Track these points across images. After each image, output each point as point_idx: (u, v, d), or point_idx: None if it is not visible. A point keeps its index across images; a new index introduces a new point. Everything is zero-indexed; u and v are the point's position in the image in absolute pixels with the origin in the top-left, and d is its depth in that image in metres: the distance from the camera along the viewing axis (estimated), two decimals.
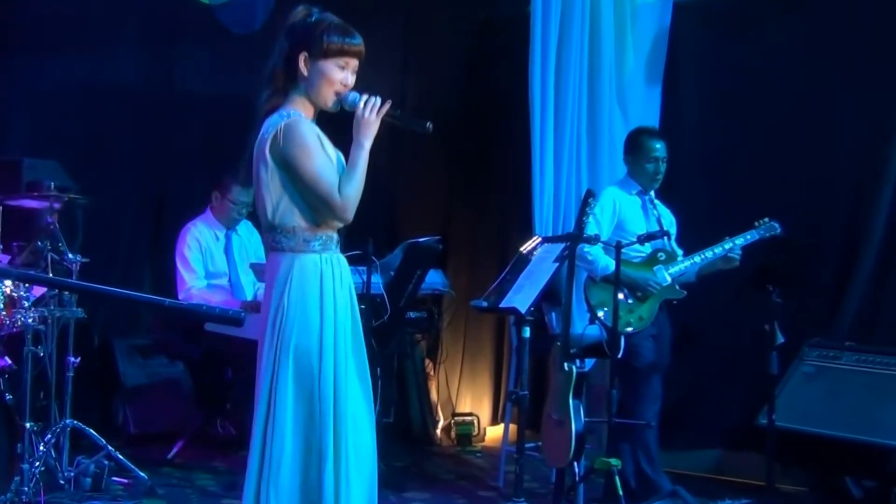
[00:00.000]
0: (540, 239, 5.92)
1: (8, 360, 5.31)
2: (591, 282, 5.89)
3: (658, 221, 5.97)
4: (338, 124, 3.95)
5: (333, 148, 3.88)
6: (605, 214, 5.93)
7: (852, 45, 6.56)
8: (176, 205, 7.39)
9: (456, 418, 7.74)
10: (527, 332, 5.61)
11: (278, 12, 4.02)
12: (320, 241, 3.82)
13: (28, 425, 5.30)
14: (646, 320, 5.84)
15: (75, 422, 5.70)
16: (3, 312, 5.29)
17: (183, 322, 6.56)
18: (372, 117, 3.81)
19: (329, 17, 3.86)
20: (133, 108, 7.39)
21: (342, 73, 3.83)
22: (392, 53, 7.98)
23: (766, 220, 5.94)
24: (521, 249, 5.92)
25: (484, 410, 7.97)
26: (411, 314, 6.97)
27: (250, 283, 6.66)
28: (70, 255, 5.62)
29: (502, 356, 7.94)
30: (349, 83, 3.86)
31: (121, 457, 5.75)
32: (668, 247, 5.93)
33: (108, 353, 7.14)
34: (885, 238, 6.37)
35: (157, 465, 6.32)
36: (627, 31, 6.85)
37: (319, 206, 3.79)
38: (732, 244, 5.87)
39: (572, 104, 6.67)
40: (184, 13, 7.40)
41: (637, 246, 5.76)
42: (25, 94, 6.93)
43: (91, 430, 5.74)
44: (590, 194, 5.51)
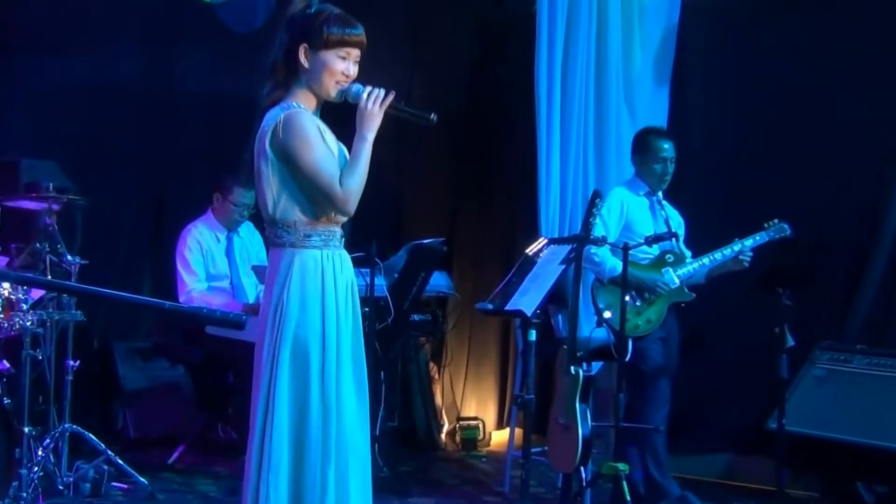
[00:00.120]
0: (546, 240, 5.90)
1: (6, 364, 5.30)
2: (599, 284, 5.88)
3: (666, 223, 5.96)
4: (341, 117, 3.94)
5: (336, 141, 3.88)
6: (613, 215, 5.92)
7: (864, 44, 6.54)
8: (176, 206, 7.37)
9: (461, 422, 7.73)
10: (533, 336, 5.59)
11: (279, 11, 4.00)
12: (321, 236, 3.81)
13: (26, 430, 5.27)
14: (654, 323, 5.83)
15: (74, 426, 5.68)
16: (1, 315, 5.26)
17: (184, 325, 6.56)
18: (375, 109, 3.80)
19: (329, 7, 3.85)
20: (133, 108, 7.38)
21: (344, 63, 3.82)
22: (397, 52, 7.96)
23: (776, 221, 5.93)
24: (527, 251, 5.89)
25: (489, 415, 7.96)
26: (415, 317, 6.96)
27: (252, 285, 6.65)
28: (69, 257, 5.60)
29: (508, 360, 7.94)
30: (351, 73, 3.84)
31: (121, 461, 5.73)
32: (677, 248, 5.92)
33: (107, 357, 7.13)
34: None
35: (157, 470, 6.31)
36: (635, 29, 6.84)
37: (320, 200, 3.77)
38: (742, 246, 5.85)
39: (579, 103, 6.66)
40: (184, 12, 7.40)
41: (645, 247, 5.75)
42: (24, 93, 6.93)
43: (90, 435, 5.73)
44: (597, 195, 5.49)
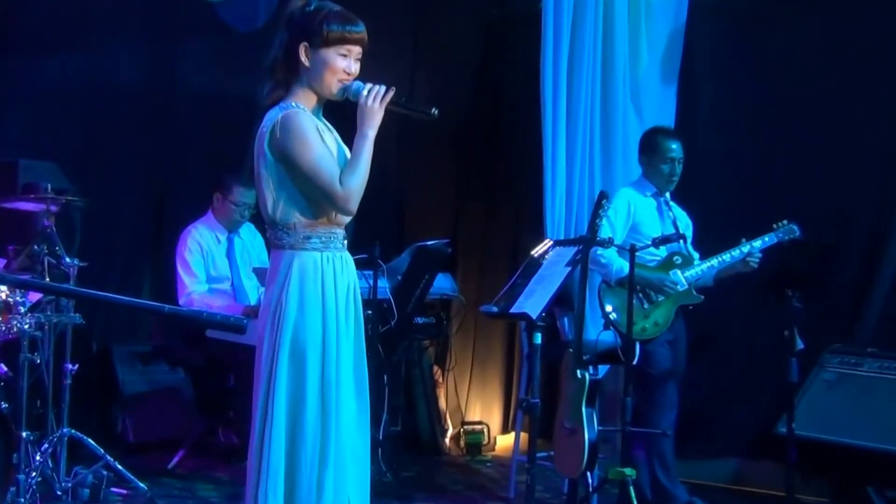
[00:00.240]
0: (552, 242, 5.89)
1: (3, 368, 5.31)
2: (606, 286, 5.87)
3: (674, 224, 5.94)
4: (344, 117, 3.92)
5: (336, 141, 3.87)
6: (620, 217, 5.91)
7: (874, 43, 6.53)
8: (177, 207, 7.37)
9: (465, 427, 7.72)
10: (538, 339, 5.57)
11: (281, 10, 3.99)
12: (322, 238, 3.80)
13: (24, 434, 5.26)
14: (661, 325, 5.82)
15: (73, 431, 5.66)
16: None
17: (184, 328, 6.55)
18: (375, 105, 3.79)
19: (328, 4, 3.84)
20: (133, 108, 7.38)
21: (345, 60, 3.81)
22: (401, 52, 7.97)
23: (785, 222, 5.92)
24: (533, 253, 5.88)
25: (494, 419, 7.95)
26: (419, 320, 6.96)
27: (253, 287, 6.64)
28: (67, 259, 5.59)
29: (513, 363, 7.92)
30: (353, 71, 3.83)
31: (120, 467, 5.72)
32: (685, 250, 5.91)
33: (106, 360, 7.12)
34: None
35: (157, 476, 6.30)
36: (642, 28, 6.83)
37: (320, 200, 3.76)
38: (750, 247, 5.84)
39: (585, 103, 6.65)
40: (185, 11, 7.41)
41: (652, 249, 5.74)
42: (22, 93, 6.92)
43: (89, 440, 5.71)
44: (603, 196, 5.49)
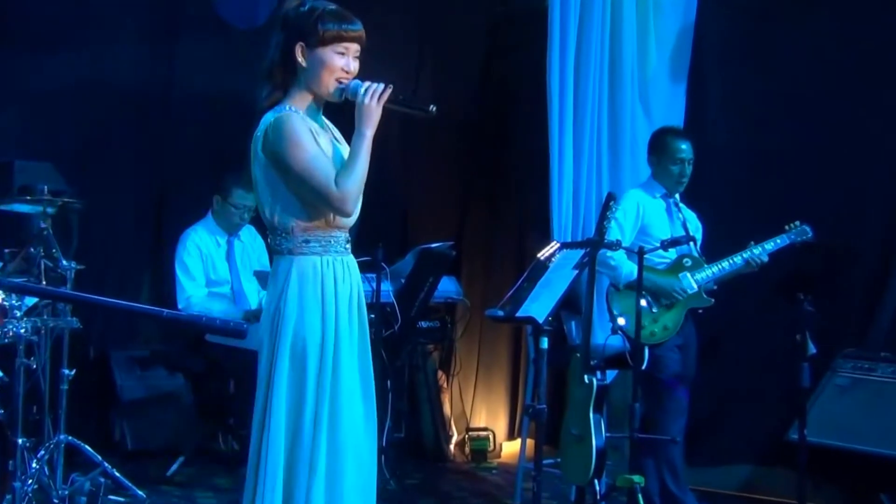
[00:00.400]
0: (558, 245, 5.88)
1: None
2: (614, 290, 5.86)
3: (683, 226, 5.93)
4: (345, 116, 3.92)
5: (332, 142, 3.85)
6: (628, 218, 5.90)
7: (886, 40, 6.51)
8: (176, 209, 7.37)
9: (470, 433, 7.71)
10: (545, 343, 5.56)
11: (281, 9, 3.98)
12: (321, 242, 3.79)
13: (20, 441, 5.28)
14: (671, 330, 5.80)
15: (70, 437, 5.67)
16: None
17: (183, 332, 6.55)
18: (373, 104, 3.77)
19: (322, 3, 3.83)
20: (131, 108, 7.38)
21: (343, 59, 3.80)
22: (406, 51, 7.97)
23: (797, 223, 5.91)
24: (539, 256, 5.87)
25: (500, 425, 7.94)
26: (423, 324, 6.97)
27: (254, 291, 6.64)
28: (64, 263, 5.59)
29: (519, 368, 7.92)
30: (352, 69, 3.83)
31: (118, 474, 5.73)
32: (695, 252, 5.89)
33: (104, 365, 7.13)
34: None
35: (156, 483, 6.30)
36: (650, 25, 6.81)
37: (316, 202, 3.75)
38: (761, 249, 5.83)
39: (592, 103, 6.63)
40: (185, 8, 7.42)
41: (661, 252, 5.73)
42: (18, 92, 6.92)
43: (86, 446, 5.73)
44: (611, 197, 5.48)
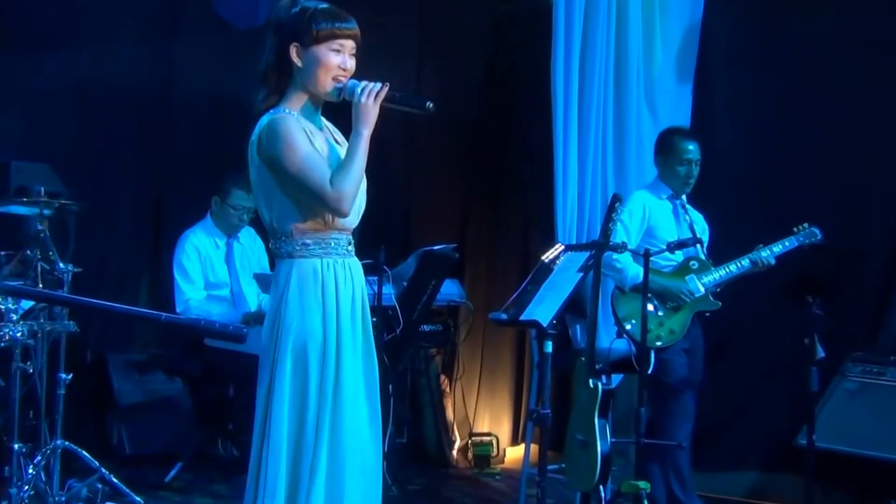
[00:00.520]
0: (563, 247, 5.87)
1: None
2: (620, 293, 5.85)
3: (690, 228, 5.92)
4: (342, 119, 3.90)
5: (329, 143, 3.84)
6: (634, 220, 5.88)
7: (894, 38, 6.49)
8: (174, 211, 7.36)
9: (473, 438, 7.70)
10: (549, 347, 5.55)
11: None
12: (321, 244, 3.78)
13: (16, 446, 5.27)
14: (677, 333, 5.79)
15: (67, 443, 5.65)
16: None
17: (182, 336, 6.53)
18: (369, 102, 3.76)
19: (314, 2, 3.83)
20: (129, 109, 7.37)
21: (339, 56, 3.79)
22: (408, 49, 7.96)
23: (806, 225, 5.90)
24: (543, 258, 5.86)
25: (503, 430, 7.92)
26: (425, 327, 6.95)
27: (254, 293, 6.63)
28: (61, 265, 5.58)
29: (523, 372, 7.90)
30: (349, 67, 3.81)
31: (115, 480, 5.70)
32: (702, 255, 5.88)
33: (101, 370, 7.12)
34: None
35: (154, 489, 6.30)
36: (656, 24, 6.80)
37: (312, 202, 3.74)
38: (769, 252, 5.81)
39: (597, 103, 6.62)
40: (185, 8, 7.42)
41: (667, 254, 5.71)
42: (15, 93, 6.92)
43: (83, 452, 5.70)
44: (616, 199, 5.47)
